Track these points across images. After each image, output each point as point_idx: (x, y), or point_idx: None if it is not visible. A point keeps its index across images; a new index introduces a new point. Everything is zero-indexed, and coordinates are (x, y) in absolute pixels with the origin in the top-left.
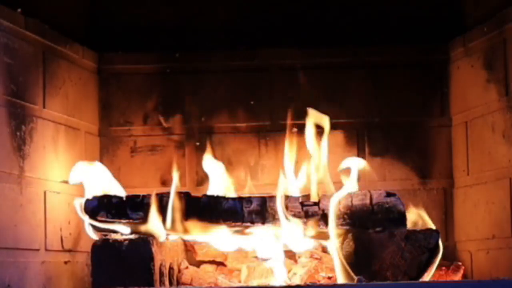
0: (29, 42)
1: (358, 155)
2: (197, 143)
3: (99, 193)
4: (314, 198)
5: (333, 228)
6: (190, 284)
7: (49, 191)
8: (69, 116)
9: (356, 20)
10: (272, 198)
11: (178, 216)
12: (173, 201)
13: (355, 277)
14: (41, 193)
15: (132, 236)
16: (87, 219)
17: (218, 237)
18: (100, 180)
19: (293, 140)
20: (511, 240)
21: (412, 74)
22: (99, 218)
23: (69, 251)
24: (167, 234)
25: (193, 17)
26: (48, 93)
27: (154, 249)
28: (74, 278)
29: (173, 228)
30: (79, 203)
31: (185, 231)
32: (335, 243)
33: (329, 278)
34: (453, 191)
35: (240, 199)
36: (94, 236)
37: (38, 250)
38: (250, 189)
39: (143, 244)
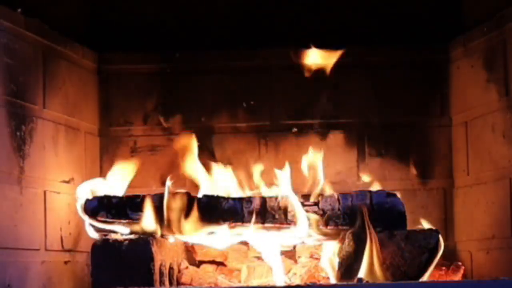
0: (29, 42)
1: (358, 155)
2: (197, 143)
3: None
4: (314, 198)
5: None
6: (190, 284)
7: (49, 191)
8: (69, 116)
9: (356, 20)
10: (272, 198)
11: (178, 216)
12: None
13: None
14: (41, 193)
15: (132, 236)
16: (87, 219)
17: (216, 236)
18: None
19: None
20: (511, 240)
21: (412, 74)
22: (99, 218)
23: (69, 251)
24: (166, 236)
25: (193, 17)
26: (48, 93)
27: (154, 249)
28: (74, 278)
29: (171, 228)
30: (80, 203)
31: (184, 231)
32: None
33: (329, 278)
34: (453, 191)
35: (240, 199)
36: (95, 235)
37: (38, 250)
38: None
39: (143, 244)
